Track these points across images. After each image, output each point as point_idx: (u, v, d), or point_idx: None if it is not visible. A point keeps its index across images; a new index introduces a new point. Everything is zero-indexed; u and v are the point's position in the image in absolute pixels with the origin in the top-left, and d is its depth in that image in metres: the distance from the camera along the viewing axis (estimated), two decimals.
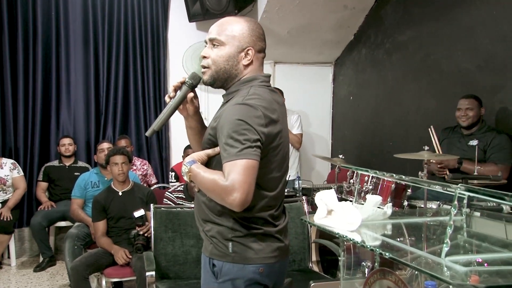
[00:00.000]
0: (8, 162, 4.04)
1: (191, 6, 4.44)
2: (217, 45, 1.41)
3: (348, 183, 3.06)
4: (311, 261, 2.86)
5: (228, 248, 1.36)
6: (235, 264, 1.35)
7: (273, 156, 1.37)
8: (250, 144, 1.25)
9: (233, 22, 1.42)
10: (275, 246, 1.39)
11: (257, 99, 1.33)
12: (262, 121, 1.30)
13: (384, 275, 1.37)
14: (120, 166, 3.18)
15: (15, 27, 4.23)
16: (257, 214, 1.36)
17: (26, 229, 4.34)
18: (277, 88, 3.83)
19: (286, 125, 1.46)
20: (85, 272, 2.88)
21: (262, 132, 1.29)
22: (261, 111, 1.30)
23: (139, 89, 4.60)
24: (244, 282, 1.35)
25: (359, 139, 4.79)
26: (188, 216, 2.71)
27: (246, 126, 1.27)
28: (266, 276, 1.38)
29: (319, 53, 4.95)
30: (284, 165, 1.44)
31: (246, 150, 1.25)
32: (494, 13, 3.08)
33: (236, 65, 1.41)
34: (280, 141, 1.38)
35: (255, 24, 1.45)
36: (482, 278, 1.01)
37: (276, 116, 1.36)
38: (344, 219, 1.40)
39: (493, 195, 1.13)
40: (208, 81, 1.44)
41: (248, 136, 1.26)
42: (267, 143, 1.32)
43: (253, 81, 1.41)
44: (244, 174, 1.23)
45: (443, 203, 2.62)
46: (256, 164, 1.26)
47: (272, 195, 1.39)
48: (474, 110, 3.04)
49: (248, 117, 1.28)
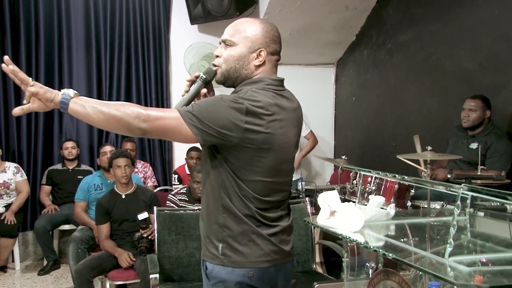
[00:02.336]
0: (11, 166, 4.04)
1: (192, 8, 4.45)
2: (230, 45, 1.42)
3: (351, 184, 3.08)
4: (314, 263, 2.86)
5: (218, 250, 1.37)
6: (224, 267, 1.36)
7: (258, 158, 1.34)
8: (196, 116, 1.28)
9: (247, 23, 1.43)
10: (267, 250, 1.37)
11: (248, 99, 1.32)
12: (241, 116, 1.28)
13: (388, 276, 1.37)
14: (123, 168, 3.20)
15: (17, 30, 4.25)
16: (248, 212, 1.35)
17: (30, 232, 4.35)
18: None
19: (289, 132, 1.41)
20: (89, 275, 2.89)
21: (236, 125, 1.28)
22: (245, 105, 1.29)
23: (141, 91, 4.62)
24: (234, 285, 1.35)
25: (362, 140, 4.80)
26: (191, 218, 2.72)
27: (214, 107, 1.30)
28: (257, 279, 1.37)
29: (321, 54, 4.97)
30: (280, 172, 1.41)
31: (188, 114, 1.28)
32: (496, 12, 3.09)
33: (247, 65, 1.41)
34: (272, 146, 1.34)
35: (270, 26, 1.45)
36: (486, 278, 1.01)
37: (269, 119, 1.32)
38: (347, 220, 1.40)
39: (496, 195, 1.13)
40: (219, 79, 1.45)
41: (204, 114, 1.28)
42: (247, 141, 1.30)
43: (258, 83, 1.40)
44: (165, 116, 1.28)
45: (446, 203, 2.63)
46: (180, 123, 1.28)
47: (262, 199, 1.37)
48: (477, 112, 3.02)
49: (224, 106, 1.29)
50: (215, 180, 1.39)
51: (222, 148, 1.34)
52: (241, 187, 1.35)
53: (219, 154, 1.36)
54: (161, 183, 4.61)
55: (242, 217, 1.36)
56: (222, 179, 1.37)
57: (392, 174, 1.56)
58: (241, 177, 1.35)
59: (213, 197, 1.40)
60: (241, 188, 1.35)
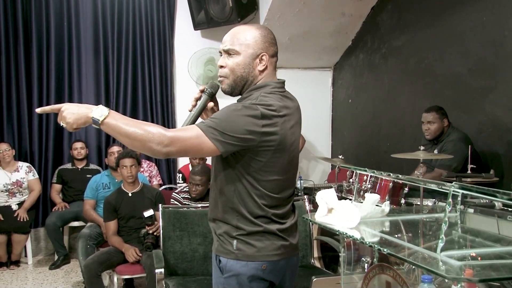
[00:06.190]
0: (24, 166, 4.11)
1: (196, 14, 4.50)
2: (233, 54, 1.42)
3: (348, 182, 3.09)
4: (313, 257, 2.90)
5: (232, 245, 1.39)
6: (239, 261, 1.39)
7: (275, 159, 1.37)
8: (217, 130, 1.28)
9: (245, 31, 1.44)
10: (278, 244, 1.41)
11: (261, 104, 1.34)
12: (258, 121, 1.31)
13: (382, 270, 1.39)
14: (129, 168, 3.23)
15: (29, 38, 4.31)
16: (260, 213, 1.39)
17: (41, 229, 4.39)
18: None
19: (296, 130, 1.45)
20: (98, 270, 2.93)
21: (254, 131, 1.31)
22: (260, 110, 1.31)
23: (147, 95, 4.65)
24: (248, 278, 1.38)
25: (358, 140, 4.80)
26: (195, 215, 2.75)
27: (231, 118, 1.30)
28: (269, 272, 1.40)
29: (319, 58, 4.98)
30: (290, 169, 1.45)
31: (209, 129, 1.29)
32: (484, 19, 3.13)
33: (252, 71, 1.43)
34: (285, 146, 1.38)
35: (266, 30, 1.46)
36: (476, 272, 1.03)
37: (281, 120, 1.36)
38: (344, 217, 1.41)
39: (486, 193, 1.15)
40: (227, 90, 1.46)
41: (223, 126, 1.29)
42: (266, 144, 1.33)
43: (265, 87, 1.41)
44: (186, 136, 1.28)
45: (438, 201, 2.67)
46: (201, 141, 1.28)
47: (275, 196, 1.40)
48: (435, 123, 3.11)
49: (240, 115, 1.30)
50: (227, 187, 1.40)
51: (241, 154, 1.35)
52: (255, 187, 1.38)
53: (236, 160, 1.37)
54: (166, 181, 4.63)
55: (254, 219, 1.39)
56: (235, 185, 1.39)
57: (387, 172, 1.58)
58: (258, 178, 1.37)
59: (225, 202, 1.42)
60: (255, 188, 1.38)
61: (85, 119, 1.28)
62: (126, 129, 1.26)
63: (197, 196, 3.20)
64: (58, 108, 1.30)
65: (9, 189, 4.03)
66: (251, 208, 1.39)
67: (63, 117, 1.29)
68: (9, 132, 4.31)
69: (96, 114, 1.27)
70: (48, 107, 1.35)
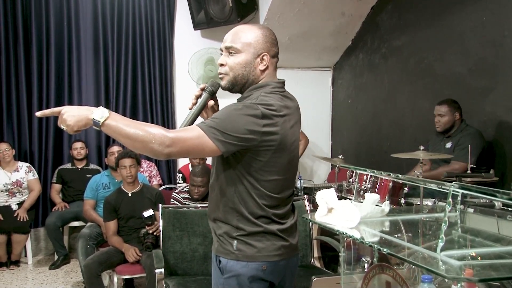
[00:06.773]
0: (23, 165, 4.12)
1: (196, 14, 4.50)
2: (234, 52, 1.42)
3: (348, 182, 3.07)
4: (313, 257, 2.91)
5: (232, 246, 1.40)
6: (239, 262, 1.39)
7: (275, 158, 1.38)
8: (218, 129, 1.28)
9: (247, 30, 1.44)
10: (279, 245, 1.41)
11: (261, 103, 1.34)
12: (258, 121, 1.31)
13: (382, 270, 1.39)
14: (128, 168, 3.24)
15: (29, 38, 4.31)
16: (261, 213, 1.39)
17: (41, 229, 4.39)
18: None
19: (296, 130, 1.46)
20: (98, 270, 2.93)
21: (255, 130, 1.31)
22: (260, 110, 1.32)
23: (146, 94, 4.65)
24: (248, 278, 1.38)
25: (358, 140, 4.81)
26: (194, 215, 2.76)
27: (232, 117, 1.30)
28: (269, 273, 1.41)
29: (319, 58, 4.99)
30: (290, 169, 1.45)
31: (210, 129, 1.28)
32: (484, 19, 3.14)
33: (253, 70, 1.43)
34: (285, 146, 1.39)
35: (268, 31, 1.46)
36: (476, 271, 1.03)
37: (282, 120, 1.36)
38: (344, 217, 1.41)
39: (485, 192, 1.15)
40: (226, 86, 1.46)
41: (224, 126, 1.28)
42: (266, 144, 1.34)
43: (265, 87, 1.42)
44: (187, 137, 1.27)
45: (438, 200, 2.67)
46: (202, 141, 1.28)
47: (275, 196, 1.41)
48: (446, 116, 3.13)
49: (241, 114, 1.31)
50: (228, 187, 1.41)
51: (241, 154, 1.36)
52: (256, 187, 1.38)
53: (237, 160, 1.37)
54: (165, 181, 4.63)
55: (255, 220, 1.39)
56: (236, 185, 1.39)
57: (387, 172, 1.58)
58: (258, 178, 1.38)
59: (226, 202, 1.42)
60: (256, 188, 1.38)
61: (85, 121, 1.28)
62: (127, 130, 1.26)
63: (199, 197, 3.21)
64: (58, 111, 1.30)
65: (9, 189, 4.03)
66: (251, 208, 1.39)
67: (63, 120, 1.28)
68: (9, 132, 4.32)
69: (96, 116, 1.27)
70: (48, 110, 1.34)
